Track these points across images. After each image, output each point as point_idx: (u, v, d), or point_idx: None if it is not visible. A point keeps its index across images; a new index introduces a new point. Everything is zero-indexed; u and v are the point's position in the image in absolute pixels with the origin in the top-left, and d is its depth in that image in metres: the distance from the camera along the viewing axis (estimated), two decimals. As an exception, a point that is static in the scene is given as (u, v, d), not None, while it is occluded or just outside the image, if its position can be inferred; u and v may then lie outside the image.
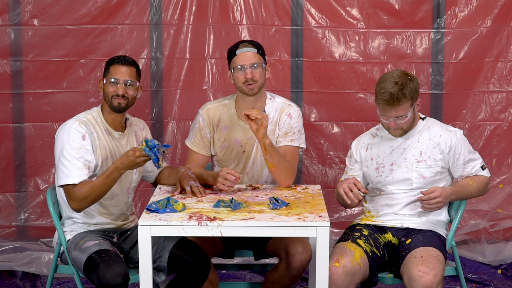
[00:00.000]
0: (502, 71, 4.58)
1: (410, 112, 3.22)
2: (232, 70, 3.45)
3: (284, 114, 3.53)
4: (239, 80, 3.43)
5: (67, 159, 3.12)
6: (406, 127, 3.28)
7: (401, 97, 3.16)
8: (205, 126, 3.55)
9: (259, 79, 3.43)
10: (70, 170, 3.11)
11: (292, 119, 3.52)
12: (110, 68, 3.24)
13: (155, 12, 4.52)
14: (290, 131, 3.52)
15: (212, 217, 2.89)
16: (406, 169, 3.32)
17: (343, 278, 3.09)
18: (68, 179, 3.11)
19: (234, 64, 3.43)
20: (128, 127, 3.36)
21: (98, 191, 3.10)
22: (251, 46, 3.45)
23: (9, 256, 4.44)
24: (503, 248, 4.56)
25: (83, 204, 3.11)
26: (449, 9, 4.54)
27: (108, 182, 3.10)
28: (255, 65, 3.41)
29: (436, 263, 3.08)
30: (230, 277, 4.45)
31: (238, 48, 3.44)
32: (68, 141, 3.14)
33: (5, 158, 4.53)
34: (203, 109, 3.58)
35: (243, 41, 3.49)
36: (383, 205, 3.38)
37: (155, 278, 3.23)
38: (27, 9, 4.44)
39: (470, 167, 3.33)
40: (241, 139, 3.54)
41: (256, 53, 3.44)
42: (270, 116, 3.53)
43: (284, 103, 3.56)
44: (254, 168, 3.57)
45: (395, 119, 3.22)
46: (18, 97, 4.50)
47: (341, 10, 4.56)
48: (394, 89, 3.15)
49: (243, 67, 3.41)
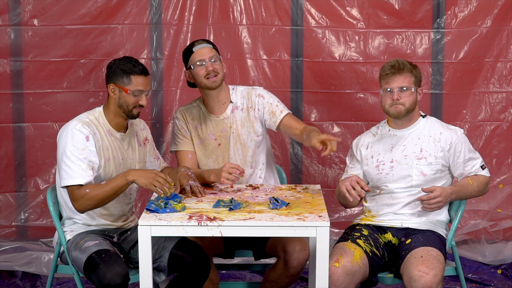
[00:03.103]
0: (502, 71, 4.58)
1: (413, 88, 3.26)
2: (191, 68, 3.50)
3: (253, 97, 3.60)
4: (200, 75, 3.49)
5: (71, 160, 3.10)
6: (409, 104, 3.29)
7: (406, 66, 3.30)
8: (182, 125, 3.62)
9: (220, 71, 3.51)
10: (74, 171, 3.10)
11: (265, 97, 3.60)
12: (132, 78, 3.18)
13: (155, 12, 4.52)
14: (272, 107, 3.58)
15: (212, 217, 2.89)
16: (406, 165, 3.33)
17: (343, 278, 3.09)
18: (72, 180, 3.10)
19: (193, 61, 3.50)
20: (130, 127, 3.36)
21: (103, 197, 3.08)
22: (206, 43, 3.54)
23: (9, 256, 4.44)
24: (503, 248, 4.55)
25: (87, 207, 3.10)
26: (449, 9, 4.54)
27: (116, 193, 3.09)
28: (213, 59, 3.49)
29: (436, 263, 3.08)
30: (230, 277, 4.45)
31: (194, 46, 3.52)
32: (71, 142, 3.12)
33: (5, 158, 4.53)
34: (176, 112, 3.67)
35: (197, 40, 3.57)
36: (383, 205, 3.38)
37: (155, 278, 3.23)
38: (27, 9, 4.44)
39: (470, 166, 3.34)
40: (214, 132, 3.59)
41: (212, 48, 3.53)
42: (238, 104, 3.60)
43: (247, 88, 3.65)
44: (237, 158, 3.60)
45: (398, 91, 3.26)
46: (18, 97, 4.50)
47: (341, 10, 4.56)
48: (400, 60, 3.32)
49: (203, 62, 3.48)
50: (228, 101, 3.60)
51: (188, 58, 3.53)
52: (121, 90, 3.19)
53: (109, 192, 3.07)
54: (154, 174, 3.06)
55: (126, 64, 3.20)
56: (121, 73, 3.19)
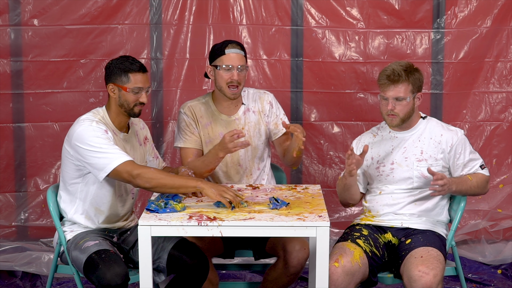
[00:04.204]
0: (502, 71, 4.58)
1: (409, 97, 3.24)
2: (216, 68, 3.48)
3: (265, 103, 3.62)
4: (223, 80, 3.48)
5: (103, 147, 3.05)
6: (403, 115, 3.28)
7: (402, 75, 3.24)
8: (190, 121, 3.58)
9: (242, 82, 3.50)
10: (113, 153, 3.04)
11: (274, 106, 3.64)
12: (130, 76, 3.18)
13: (155, 12, 4.52)
14: (277, 119, 3.62)
15: (212, 217, 2.89)
16: (407, 168, 3.33)
17: (343, 278, 3.09)
18: (118, 159, 3.03)
19: (221, 63, 3.47)
20: (131, 127, 3.36)
21: (167, 182, 3.03)
22: (240, 49, 3.50)
23: (9, 256, 4.44)
24: (503, 248, 4.55)
25: (144, 184, 3.03)
26: (449, 9, 4.54)
27: (179, 187, 3.05)
28: (241, 68, 3.47)
29: (436, 263, 3.08)
30: (230, 277, 4.45)
31: (227, 48, 3.48)
32: (94, 134, 3.07)
33: (5, 158, 4.53)
34: (184, 107, 3.61)
35: (232, 42, 3.53)
36: (383, 205, 3.38)
37: (154, 278, 3.23)
38: (27, 9, 4.44)
39: (469, 167, 3.34)
40: (225, 132, 3.54)
41: (243, 56, 3.51)
42: (250, 106, 3.61)
43: (258, 92, 3.66)
44: (246, 159, 3.59)
45: (393, 101, 3.24)
46: (18, 97, 4.50)
47: (341, 10, 4.56)
48: (397, 67, 3.27)
49: (231, 68, 3.46)
50: (240, 103, 3.60)
51: (216, 56, 3.50)
52: (121, 89, 3.19)
53: (175, 184, 3.04)
54: (225, 187, 3.05)
55: (123, 62, 3.19)
56: (119, 72, 3.19)
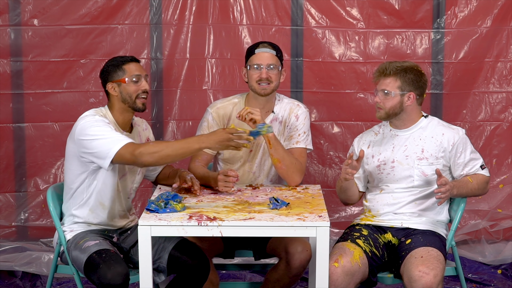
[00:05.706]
0: (502, 71, 4.58)
1: (395, 93, 3.26)
2: (247, 68, 3.49)
3: (292, 116, 3.58)
4: (253, 78, 3.48)
5: (104, 135, 3.04)
6: (388, 109, 3.30)
7: (392, 72, 3.26)
8: (214, 124, 3.56)
9: (274, 80, 3.49)
10: (114, 137, 3.03)
11: (298, 120, 3.57)
12: (125, 68, 3.19)
13: (155, 12, 4.52)
14: (295, 133, 3.55)
15: (212, 217, 2.89)
16: (407, 166, 3.33)
17: (342, 278, 3.09)
18: (120, 143, 3.01)
19: (251, 62, 3.49)
20: (134, 127, 3.36)
21: (169, 151, 3.00)
22: (271, 48, 3.50)
23: (9, 256, 4.44)
24: (503, 248, 4.55)
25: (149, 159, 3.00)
26: (449, 9, 4.54)
27: (184, 148, 3.01)
28: (271, 66, 3.47)
29: (436, 263, 3.08)
30: (230, 277, 4.45)
31: (257, 47, 3.50)
32: (95, 124, 3.07)
33: (5, 158, 4.53)
34: (212, 107, 3.59)
35: (264, 42, 3.55)
36: (384, 204, 3.38)
37: (155, 278, 3.23)
38: (27, 9, 4.44)
39: (469, 167, 3.34)
40: None
41: (274, 55, 3.50)
42: (279, 116, 3.57)
43: (292, 103, 3.61)
44: (261, 167, 3.59)
45: (381, 94, 3.28)
46: (18, 97, 4.50)
47: (341, 10, 4.56)
48: (392, 63, 3.30)
49: (259, 66, 3.46)
50: (270, 111, 3.58)
51: (248, 57, 3.52)
52: (120, 83, 3.20)
53: (179, 152, 3.01)
54: (226, 137, 3.01)
55: (114, 59, 3.24)
56: (113, 68, 3.21)
